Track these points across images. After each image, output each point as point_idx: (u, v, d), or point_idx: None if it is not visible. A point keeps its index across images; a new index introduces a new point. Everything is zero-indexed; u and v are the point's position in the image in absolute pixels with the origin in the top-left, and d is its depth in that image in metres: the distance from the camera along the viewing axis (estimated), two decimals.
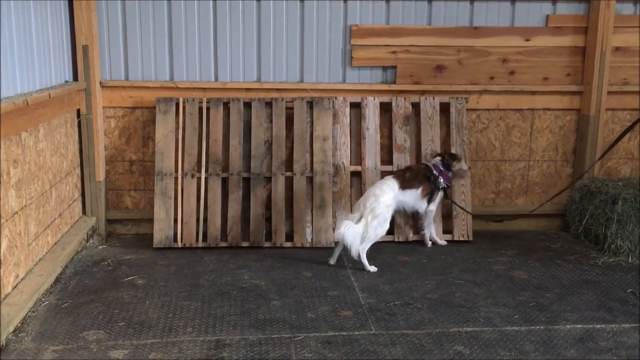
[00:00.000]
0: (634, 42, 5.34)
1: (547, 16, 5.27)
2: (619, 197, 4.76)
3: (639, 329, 3.64)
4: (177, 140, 5.01)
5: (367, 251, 4.50)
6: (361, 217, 4.48)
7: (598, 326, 3.67)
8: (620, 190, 4.86)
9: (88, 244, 4.88)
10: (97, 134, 4.95)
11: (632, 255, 4.74)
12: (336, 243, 4.58)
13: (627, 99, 5.39)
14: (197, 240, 4.91)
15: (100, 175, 5.02)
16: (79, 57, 4.82)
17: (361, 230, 4.43)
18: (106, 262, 4.57)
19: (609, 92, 5.32)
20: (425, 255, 4.85)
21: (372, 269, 4.48)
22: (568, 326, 3.67)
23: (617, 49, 5.31)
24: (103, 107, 5.04)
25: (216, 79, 5.15)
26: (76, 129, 4.87)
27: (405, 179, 4.77)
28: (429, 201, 4.91)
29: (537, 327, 3.66)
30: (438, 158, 4.99)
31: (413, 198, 4.82)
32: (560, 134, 5.45)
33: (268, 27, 5.11)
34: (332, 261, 4.60)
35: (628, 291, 4.19)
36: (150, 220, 4.96)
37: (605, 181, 5.14)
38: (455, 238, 5.15)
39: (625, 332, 3.61)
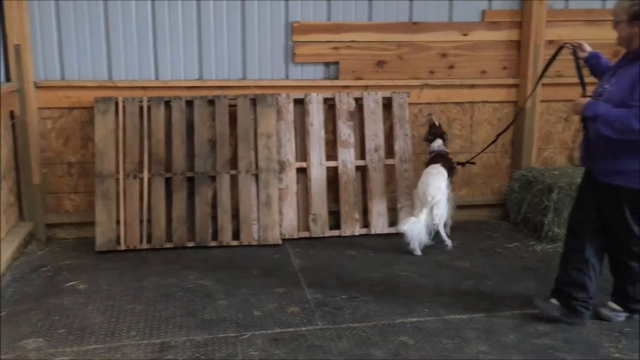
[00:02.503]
0: (566, 36, 5.51)
1: (483, 11, 5.41)
2: (555, 186, 4.94)
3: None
4: (117, 140, 4.90)
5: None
6: (423, 207, 4.68)
7: (536, 311, 3.80)
8: (556, 179, 5.05)
9: (26, 250, 4.73)
10: (32, 136, 4.79)
11: None
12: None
13: (561, 90, 5.57)
14: (141, 242, 4.82)
15: (37, 179, 4.87)
16: (10, 57, 4.65)
17: (424, 222, 4.64)
18: (46, 268, 4.43)
19: (544, 84, 5.46)
20: (372, 248, 4.91)
21: (450, 243, 4.81)
22: (508, 312, 3.79)
23: (550, 42, 5.48)
24: (38, 108, 4.88)
25: (157, 78, 5.06)
26: (10, 131, 4.69)
27: (447, 166, 4.88)
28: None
29: (479, 314, 3.76)
30: (439, 142, 5.04)
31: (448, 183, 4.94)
32: (498, 126, 5.57)
33: (208, 24, 5.05)
34: (418, 252, 4.72)
35: None
36: (92, 224, 4.84)
37: (542, 171, 5.32)
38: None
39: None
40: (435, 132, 5.10)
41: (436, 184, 4.70)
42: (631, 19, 3.23)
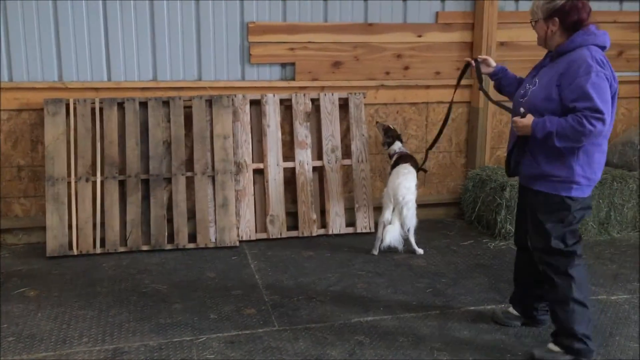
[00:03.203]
0: (517, 37, 5.67)
1: (437, 13, 5.49)
2: (507, 184, 5.05)
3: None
4: (68, 143, 4.79)
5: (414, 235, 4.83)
6: (394, 209, 4.68)
7: (489, 307, 3.88)
8: (508, 177, 5.14)
9: None
10: None
11: None
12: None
13: None
14: (94, 246, 4.73)
15: None
16: None
17: (399, 226, 4.68)
18: None
19: None
20: (330, 249, 4.93)
21: (421, 251, 4.83)
22: (462, 309, 3.86)
23: (502, 43, 5.61)
24: None
25: (109, 79, 4.97)
26: None
27: (415, 166, 4.87)
28: None
29: (433, 312, 3.82)
30: (399, 144, 5.03)
31: None
32: (453, 126, 5.69)
33: (162, 24, 4.98)
34: (376, 251, 4.78)
35: None
36: (43, 228, 4.72)
37: (495, 169, 5.43)
38: (358, 230, 5.27)
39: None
40: (392, 134, 5.11)
41: (406, 184, 4.69)
42: (548, 17, 3.21)
